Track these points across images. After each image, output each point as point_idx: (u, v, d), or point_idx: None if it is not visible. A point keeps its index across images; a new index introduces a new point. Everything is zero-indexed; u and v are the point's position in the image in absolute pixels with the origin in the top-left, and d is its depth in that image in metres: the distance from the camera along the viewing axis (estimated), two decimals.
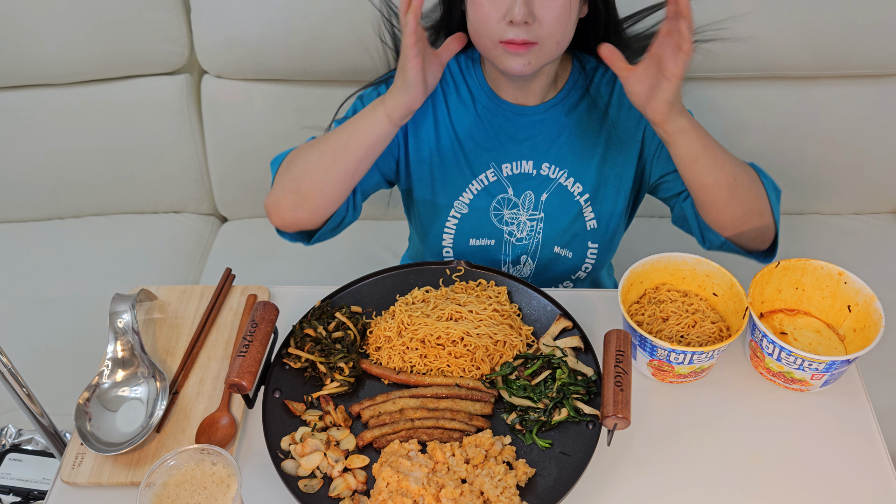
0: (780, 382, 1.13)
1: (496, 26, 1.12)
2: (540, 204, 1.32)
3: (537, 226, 1.33)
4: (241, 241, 2.01)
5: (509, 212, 1.32)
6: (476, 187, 1.31)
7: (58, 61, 1.81)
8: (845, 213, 2.00)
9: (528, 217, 1.32)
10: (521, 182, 1.31)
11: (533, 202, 1.31)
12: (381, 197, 1.98)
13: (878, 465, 1.06)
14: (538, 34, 1.11)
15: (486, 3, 1.11)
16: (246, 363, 1.04)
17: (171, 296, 1.28)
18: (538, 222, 1.33)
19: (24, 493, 1.55)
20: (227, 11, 1.72)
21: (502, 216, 1.33)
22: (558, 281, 1.41)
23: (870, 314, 1.12)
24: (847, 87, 1.81)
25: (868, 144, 1.87)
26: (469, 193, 1.32)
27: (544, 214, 1.32)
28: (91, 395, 1.12)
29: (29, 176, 1.98)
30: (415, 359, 1.15)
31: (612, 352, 1.04)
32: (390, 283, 1.24)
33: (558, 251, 1.36)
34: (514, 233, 1.34)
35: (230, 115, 1.89)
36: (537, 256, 1.36)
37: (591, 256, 1.37)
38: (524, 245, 1.35)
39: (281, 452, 1.05)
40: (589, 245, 1.36)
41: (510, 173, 1.31)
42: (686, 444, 1.09)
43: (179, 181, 2.00)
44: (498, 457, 1.04)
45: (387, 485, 0.99)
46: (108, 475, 1.06)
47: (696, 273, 1.19)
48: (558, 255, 1.36)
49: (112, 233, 2.01)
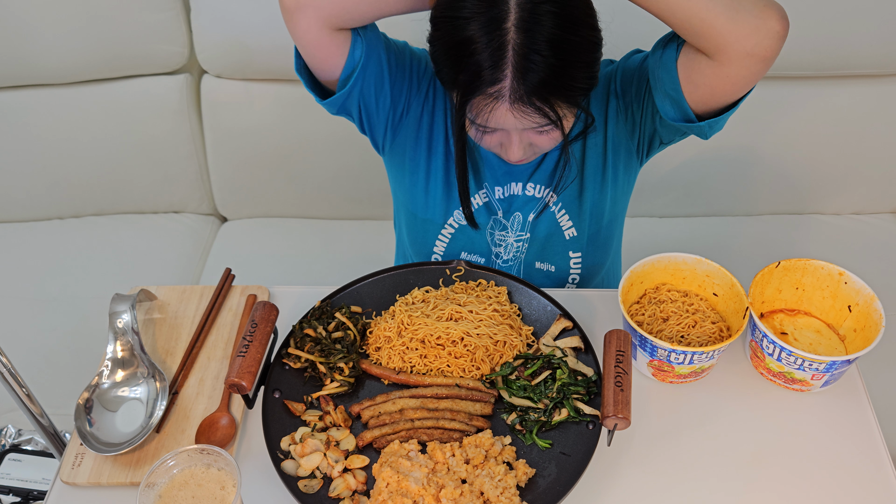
0: (781, 382, 1.13)
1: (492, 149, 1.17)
2: (527, 225, 1.32)
3: (522, 247, 1.33)
4: (241, 241, 2.01)
5: (499, 233, 1.32)
6: (477, 202, 1.31)
7: (58, 61, 1.81)
8: (845, 213, 2.00)
9: (516, 238, 1.32)
10: (512, 204, 1.31)
11: (520, 223, 1.31)
12: (380, 197, 1.99)
13: (878, 465, 1.06)
14: (534, 153, 1.18)
15: (481, 138, 1.14)
16: (246, 363, 1.04)
17: (171, 296, 1.28)
18: (524, 243, 1.33)
19: (24, 494, 1.55)
20: (227, 11, 1.72)
21: (494, 237, 1.33)
22: None
23: (870, 314, 1.12)
24: (847, 87, 1.81)
25: (868, 144, 1.87)
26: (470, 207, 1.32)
27: (530, 235, 1.32)
28: (91, 395, 1.12)
29: (29, 176, 1.98)
30: (415, 359, 1.15)
31: (613, 352, 1.04)
32: (390, 283, 1.24)
33: (539, 266, 1.35)
34: (500, 255, 1.34)
35: (230, 115, 1.89)
36: (521, 275, 1.36)
37: (575, 266, 1.35)
38: (509, 267, 1.35)
39: (281, 452, 1.05)
40: (570, 255, 1.34)
41: (501, 196, 1.31)
42: (686, 444, 1.09)
43: (179, 181, 2.00)
44: (498, 457, 1.04)
45: (387, 485, 0.99)
46: (108, 475, 1.05)
47: (697, 273, 1.19)
48: (540, 269, 1.36)
49: (112, 233, 2.01)
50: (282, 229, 2.03)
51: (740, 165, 1.89)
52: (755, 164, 1.90)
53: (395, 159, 1.33)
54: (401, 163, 1.32)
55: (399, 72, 1.24)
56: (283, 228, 2.03)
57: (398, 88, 1.25)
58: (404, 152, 1.31)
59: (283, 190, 2.00)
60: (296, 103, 1.85)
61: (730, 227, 1.96)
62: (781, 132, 1.85)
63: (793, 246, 1.92)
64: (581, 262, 1.35)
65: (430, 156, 1.30)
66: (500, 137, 1.13)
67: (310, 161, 1.94)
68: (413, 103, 1.27)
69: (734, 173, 1.92)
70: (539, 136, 1.12)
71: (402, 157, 1.31)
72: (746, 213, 2.00)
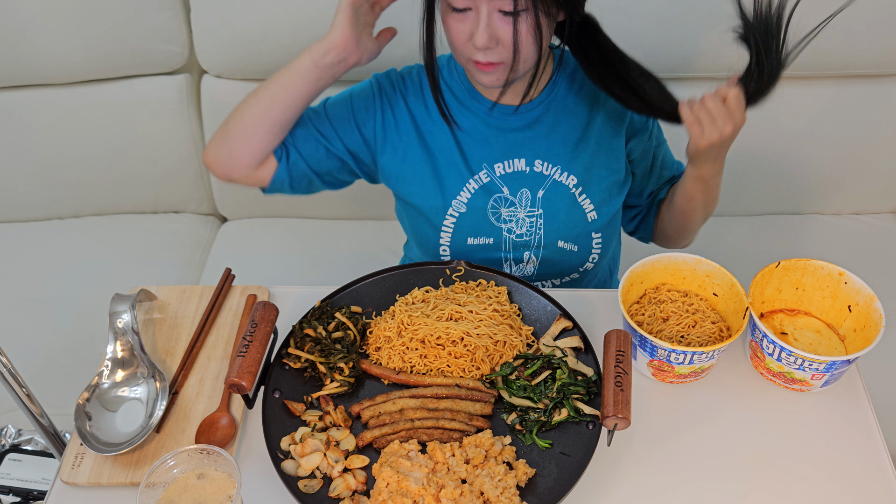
0: (781, 382, 1.13)
1: (465, 46, 1.16)
2: (537, 201, 1.32)
3: (536, 222, 1.33)
4: (241, 241, 2.01)
5: (507, 210, 1.32)
6: (473, 186, 1.32)
7: (58, 61, 1.81)
8: (845, 213, 2.00)
9: (527, 214, 1.33)
10: (516, 180, 1.32)
11: (530, 199, 1.32)
12: (380, 197, 1.99)
13: (878, 465, 1.06)
14: (502, 55, 1.15)
15: (454, 26, 1.15)
16: (246, 363, 1.04)
17: (171, 296, 1.28)
18: (537, 219, 1.33)
19: (24, 494, 1.55)
20: (227, 11, 1.72)
21: (500, 215, 1.33)
22: (565, 274, 1.42)
23: (870, 314, 1.12)
24: (847, 87, 1.81)
25: (868, 144, 1.87)
26: (467, 192, 1.32)
27: (543, 211, 1.33)
28: (91, 395, 1.12)
29: (29, 176, 1.98)
30: (415, 359, 1.15)
31: (613, 352, 1.04)
32: (390, 283, 1.24)
33: (563, 245, 1.36)
34: (513, 230, 1.34)
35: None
36: (541, 252, 1.36)
37: (597, 247, 1.38)
38: (526, 241, 1.35)
39: (281, 452, 1.05)
40: (592, 236, 1.36)
41: (503, 172, 1.31)
42: (686, 444, 1.09)
43: (179, 181, 2.00)
44: (498, 457, 1.04)
45: (387, 485, 0.99)
46: (108, 475, 1.05)
47: (697, 273, 1.19)
48: (563, 249, 1.36)
49: (112, 233, 2.01)
50: (282, 229, 2.02)
51: (740, 165, 1.89)
52: (755, 164, 1.90)
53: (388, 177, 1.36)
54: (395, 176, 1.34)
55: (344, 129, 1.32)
56: (283, 228, 2.03)
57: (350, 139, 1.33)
58: (390, 166, 1.34)
59: None
60: None
61: (729, 227, 1.96)
62: (781, 132, 1.85)
63: (793, 246, 1.92)
64: (601, 244, 1.38)
65: (406, 155, 1.33)
66: (470, 24, 1.13)
67: None
68: (369, 131, 1.33)
69: (734, 173, 1.91)
70: (505, 23, 1.11)
71: (392, 171, 1.34)
72: (746, 213, 2.00)
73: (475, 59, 1.15)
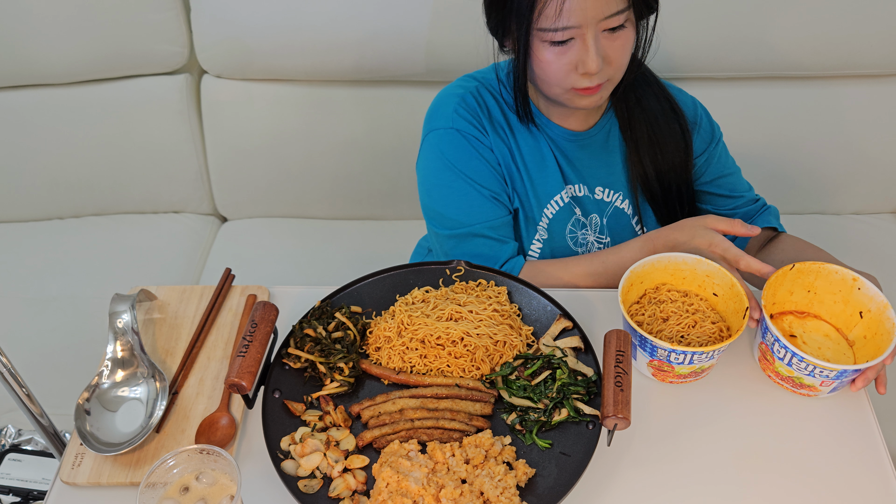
0: (788, 387, 1.13)
1: (568, 76, 1.14)
2: (604, 228, 1.33)
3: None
4: (241, 241, 2.01)
5: (581, 232, 1.33)
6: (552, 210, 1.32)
7: (58, 61, 1.81)
8: (845, 213, 2.00)
9: (596, 238, 1.33)
10: (585, 205, 1.32)
11: (599, 225, 1.32)
12: (380, 197, 1.99)
13: (878, 467, 1.06)
14: (609, 73, 1.14)
15: (554, 60, 1.12)
16: (246, 363, 1.04)
17: (171, 296, 1.28)
18: (605, 246, 1.34)
19: (24, 494, 1.55)
20: (227, 11, 1.72)
21: (576, 237, 1.33)
22: None
23: (882, 322, 1.10)
24: (847, 87, 1.81)
25: (868, 144, 1.87)
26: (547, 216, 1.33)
27: (610, 239, 1.33)
28: (91, 395, 1.12)
29: (29, 176, 1.98)
30: (415, 359, 1.15)
31: (612, 352, 1.04)
32: (390, 283, 1.24)
33: None
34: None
35: (230, 115, 1.89)
36: None
37: None
38: None
39: (281, 452, 1.05)
40: None
41: (574, 194, 1.32)
42: (686, 444, 1.09)
43: (179, 181, 2.00)
44: (498, 457, 1.04)
45: (387, 485, 0.99)
46: (108, 475, 1.05)
47: (697, 273, 1.19)
48: None
49: (112, 233, 2.01)
50: (282, 229, 2.03)
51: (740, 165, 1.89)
52: (755, 164, 1.89)
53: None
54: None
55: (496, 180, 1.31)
56: (283, 228, 2.03)
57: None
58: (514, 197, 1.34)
59: (283, 190, 2.00)
60: (296, 103, 1.85)
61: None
62: (782, 132, 1.85)
63: None
64: None
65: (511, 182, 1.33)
66: (574, 54, 1.11)
67: (310, 161, 1.94)
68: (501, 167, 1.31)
69: None
70: (612, 41, 1.10)
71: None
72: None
73: (580, 86, 1.14)
